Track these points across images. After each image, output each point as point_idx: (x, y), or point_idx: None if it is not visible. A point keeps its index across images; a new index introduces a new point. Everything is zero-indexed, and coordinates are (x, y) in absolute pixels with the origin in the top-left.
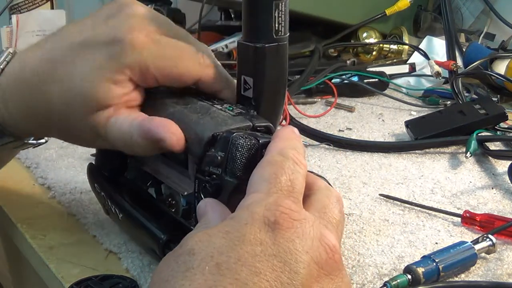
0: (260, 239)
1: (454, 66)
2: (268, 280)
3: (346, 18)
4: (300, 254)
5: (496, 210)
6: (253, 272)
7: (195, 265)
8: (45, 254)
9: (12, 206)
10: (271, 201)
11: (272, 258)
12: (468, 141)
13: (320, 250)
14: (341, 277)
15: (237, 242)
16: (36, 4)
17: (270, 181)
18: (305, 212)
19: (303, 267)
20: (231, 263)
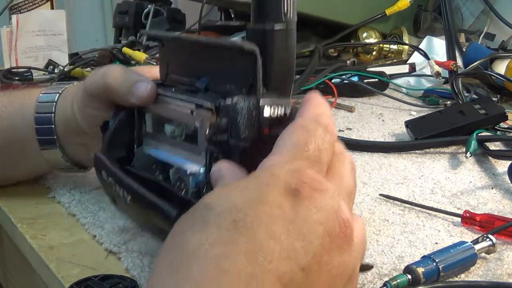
0: (280, 203)
1: (454, 66)
2: (282, 245)
3: (346, 18)
4: (315, 225)
5: (496, 210)
6: (269, 234)
7: (211, 219)
8: (45, 254)
9: (12, 206)
10: (295, 167)
11: (288, 224)
12: (468, 141)
13: (335, 223)
14: (349, 252)
15: (256, 201)
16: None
17: (298, 146)
18: (326, 183)
19: (317, 238)
20: (248, 221)
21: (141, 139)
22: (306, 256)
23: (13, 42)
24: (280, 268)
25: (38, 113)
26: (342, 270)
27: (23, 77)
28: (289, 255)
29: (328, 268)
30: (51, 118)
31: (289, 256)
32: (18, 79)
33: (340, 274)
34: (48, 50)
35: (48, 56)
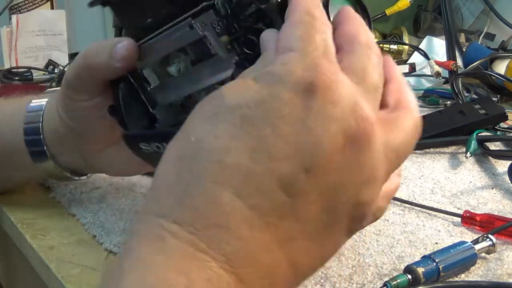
0: (291, 100)
1: (454, 66)
2: (288, 143)
3: None
4: (328, 122)
5: (496, 210)
6: (276, 133)
7: (222, 112)
8: (45, 254)
9: (12, 206)
10: (309, 61)
11: (298, 123)
12: (468, 141)
13: (351, 120)
14: (369, 154)
15: (267, 98)
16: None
17: (304, 39)
18: (342, 74)
19: (328, 137)
20: (256, 118)
21: (153, 99)
22: (313, 157)
23: (13, 42)
24: (282, 168)
25: (26, 124)
26: (356, 171)
27: (23, 77)
28: (293, 155)
29: (338, 169)
30: (39, 128)
31: (294, 156)
32: (18, 79)
33: (354, 176)
34: (48, 50)
35: (48, 56)
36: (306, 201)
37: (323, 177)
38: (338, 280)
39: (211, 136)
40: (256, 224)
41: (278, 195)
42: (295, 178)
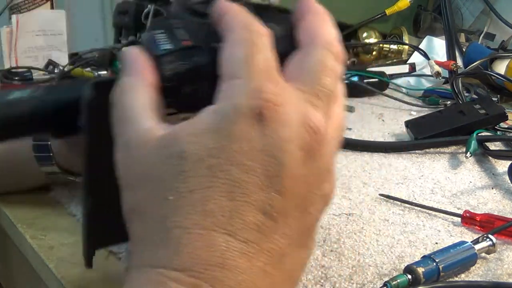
0: (247, 135)
1: (454, 66)
2: (258, 176)
3: (346, 18)
4: (285, 144)
5: (496, 210)
6: (243, 170)
7: (187, 168)
8: (45, 254)
9: (12, 206)
10: (254, 87)
11: (260, 153)
12: (468, 141)
13: (303, 134)
14: (323, 156)
15: (225, 142)
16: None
17: (246, 62)
18: (287, 90)
19: (288, 157)
20: (222, 164)
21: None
22: (282, 179)
23: (13, 42)
24: (258, 199)
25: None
26: (318, 174)
27: (23, 77)
28: (264, 183)
29: (305, 179)
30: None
31: (265, 184)
32: (18, 79)
33: (317, 177)
34: (48, 50)
35: (48, 56)
36: (287, 217)
37: (295, 191)
38: (338, 280)
39: (187, 192)
40: (252, 254)
41: (263, 222)
42: (272, 203)
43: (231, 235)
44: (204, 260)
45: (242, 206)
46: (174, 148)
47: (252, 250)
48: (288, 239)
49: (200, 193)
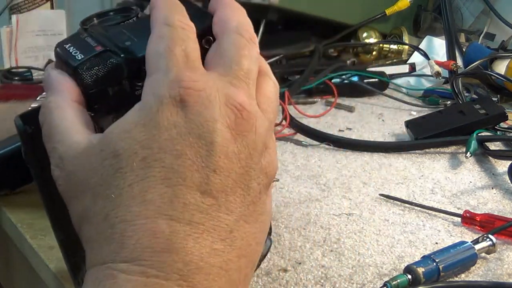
0: (173, 122)
1: (454, 66)
2: (190, 158)
3: (346, 18)
4: (210, 124)
5: (496, 210)
6: (175, 155)
7: (123, 165)
8: (45, 254)
9: (12, 206)
10: (172, 78)
11: (187, 137)
12: (468, 141)
13: (228, 113)
14: (254, 131)
15: (154, 132)
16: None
17: (165, 56)
18: (207, 76)
19: (216, 135)
20: (155, 154)
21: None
22: (214, 157)
23: (13, 42)
24: (195, 180)
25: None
26: (251, 149)
27: (23, 77)
28: (198, 165)
29: (238, 156)
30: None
31: (199, 166)
32: (18, 79)
33: (252, 152)
34: (48, 50)
35: (48, 56)
36: (227, 194)
37: (230, 167)
38: (338, 280)
39: (126, 187)
40: (197, 234)
41: (203, 201)
42: (208, 182)
43: (173, 219)
44: (150, 248)
45: (180, 190)
46: (108, 149)
47: (197, 230)
48: (233, 216)
49: (138, 185)
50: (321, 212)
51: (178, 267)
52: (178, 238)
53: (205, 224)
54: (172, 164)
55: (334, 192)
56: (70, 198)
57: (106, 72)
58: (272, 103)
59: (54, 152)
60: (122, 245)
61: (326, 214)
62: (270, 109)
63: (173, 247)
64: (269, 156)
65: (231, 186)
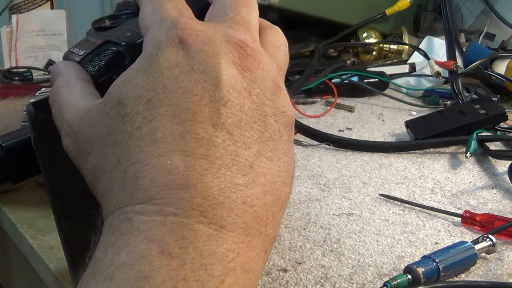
0: (175, 61)
1: (454, 66)
2: (197, 94)
3: (346, 18)
4: (214, 59)
5: (496, 210)
6: (181, 92)
7: (128, 110)
8: (45, 254)
9: (12, 206)
10: (168, 24)
11: (191, 73)
12: (468, 141)
13: (231, 49)
14: (261, 68)
15: (156, 74)
16: (36, 4)
17: (157, 12)
18: (202, 22)
19: (222, 69)
20: (160, 94)
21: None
22: (222, 91)
23: (13, 42)
24: (205, 115)
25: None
26: (262, 85)
27: (23, 77)
28: (206, 99)
29: (248, 91)
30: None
31: (208, 100)
32: (18, 79)
33: (262, 90)
34: (48, 50)
35: (48, 56)
36: (243, 129)
37: (241, 102)
38: (338, 280)
39: (135, 130)
40: (215, 169)
41: (218, 135)
42: (219, 115)
43: (188, 154)
44: (165, 186)
45: (191, 125)
46: (111, 100)
47: (214, 165)
48: (252, 150)
49: (146, 126)
50: (321, 212)
51: (197, 202)
52: (195, 173)
53: (222, 158)
54: (179, 101)
55: (334, 192)
56: (81, 159)
57: (107, 61)
58: (280, 52)
59: (63, 122)
60: (136, 186)
61: (326, 214)
62: (278, 56)
63: (190, 183)
64: (284, 97)
65: (245, 120)
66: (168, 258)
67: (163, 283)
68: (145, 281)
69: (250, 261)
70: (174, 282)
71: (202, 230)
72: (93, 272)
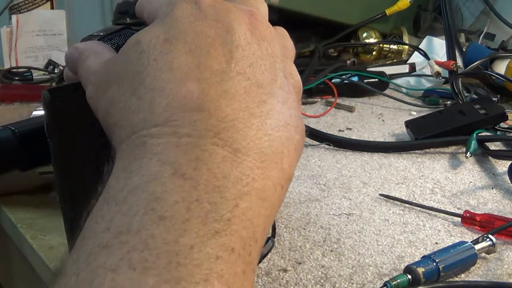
0: (189, 12)
1: (454, 66)
2: (211, 36)
3: (346, 18)
4: (227, 12)
5: (496, 210)
6: (196, 34)
7: (145, 47)
8: (45, 254)
9: (12, 206)
10: None
11: (205, 21)
12: (468, 141)
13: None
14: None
15: (172, 22)
16: (36, 4)
17: None
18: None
19: (233, 22)
20: (176, 34)
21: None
22: (234, 36)
23: (13, 42)
24: (218, 52)
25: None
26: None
27: (23, 77)
28: (219, 40)
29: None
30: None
31: (221, 42)
32: (18, 79)
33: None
34: (48, 50)
35: (48, 56)
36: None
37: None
38: (338, 280)
39: (152, 62)
40: (229, 99)
41: (231, 69)
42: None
43: (202, 82)
44: (181, 109)
45: (205, 59)
46: (130, 42)
47: (228, 95)
48: (264, 90)
49: (163, 58)
50: (321, 212)
51: (212, 123)
52: (209, 97)
53: (235, 88)
54: (194, 40)
55: (334, 192)
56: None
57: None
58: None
59: (88, 72)
60: (152, 110)
61: (326, 214)
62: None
63: (205, 106)
64: (292, 65)
65: (256, 64)
66: (181, 179)
67: (175, 203)
68: (157, 202)
69: (266, 190)
70: (187, 203)
71: (217, 151)
72: (104, 198)
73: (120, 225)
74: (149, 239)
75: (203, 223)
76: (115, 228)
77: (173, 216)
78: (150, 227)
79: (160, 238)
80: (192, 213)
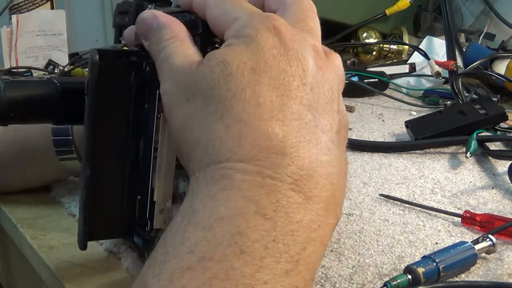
0: (272, 44)
1: (454, 66)
2: (292, 75)
3: (346, 18)
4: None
5: (496, 210)
6: (279, 70)
7: (233, 71)
8: (45, 254)
9: (12, 206)
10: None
11: (286, 57)
12: (468, 141)
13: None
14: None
15: (257, 50)
16: (36, 4)
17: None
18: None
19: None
20: (262, 66)
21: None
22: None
23: (13, 42)
24: (297, 93)
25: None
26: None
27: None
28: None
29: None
30: (68, 129)
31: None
32: None
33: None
34: (48, 50)
35: (48, 56)
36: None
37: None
38: (338, 280)
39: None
40: (305, 144)
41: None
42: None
43: (285, 125)
44: (266, 149)
45: (287, 100)
46: (215, 59)
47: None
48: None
49: (250, 90)
50: None
51: (292, 170)
52: (291, 142)
53: (309, 135)
54: (278, 76)
55: None
56: (177, 104)
57: (184, 23)
58: (340, 70)
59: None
60: (239, 144)
61: None
62: (340, 72)
63: (287, 151)
64: (342, 103)
65: (322, 108)
66: (263, 219)
67: (256, 241)
68: (240, 236)
69: (326, 236)
70: (265, 242)
71: (294, 197)
72: (190, 220)
73: (204, 251)
74: (230, 270)
75: (276, 261)
76: (199, 253)
77: (252, 252)
78: (232, 258)
79: (239, 271)
80: (269, 251)
